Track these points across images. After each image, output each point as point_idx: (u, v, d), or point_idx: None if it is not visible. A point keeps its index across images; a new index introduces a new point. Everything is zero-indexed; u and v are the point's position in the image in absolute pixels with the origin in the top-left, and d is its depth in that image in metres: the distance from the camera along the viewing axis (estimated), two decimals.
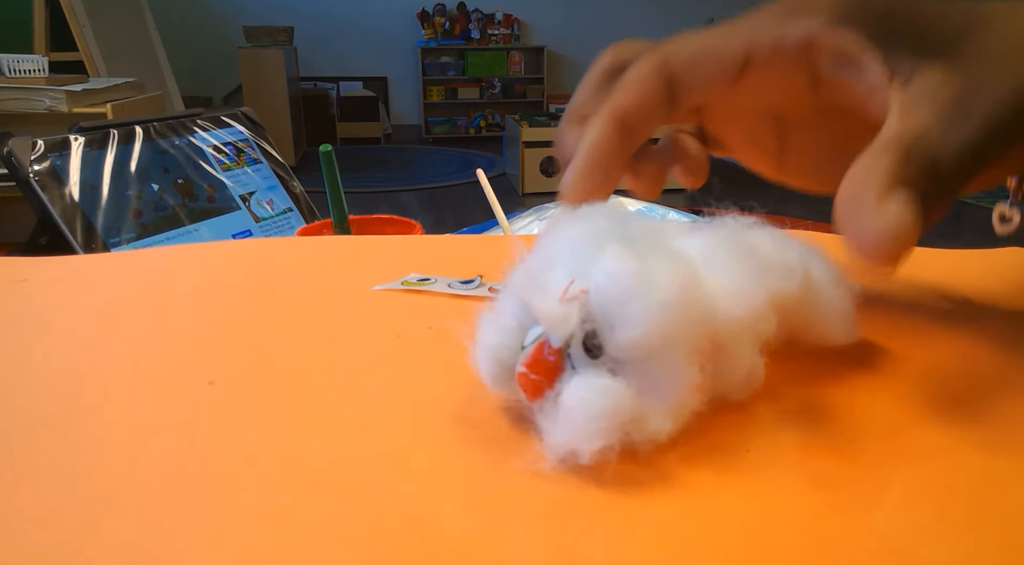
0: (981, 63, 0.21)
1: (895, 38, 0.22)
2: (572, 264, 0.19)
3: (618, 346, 0.18)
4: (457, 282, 0.32)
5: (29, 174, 0.91)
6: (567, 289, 0.19)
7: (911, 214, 0.19)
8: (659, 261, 0.19)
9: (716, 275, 0.20)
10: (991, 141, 0.21)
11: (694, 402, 0.19)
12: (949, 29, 0.22)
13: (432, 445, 0.20)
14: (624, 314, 0.18)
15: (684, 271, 0.19)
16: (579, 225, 0.21)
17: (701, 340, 0.19)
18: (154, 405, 0.23)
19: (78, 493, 0.18)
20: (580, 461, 0.18)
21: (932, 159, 0.20)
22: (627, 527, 0.17)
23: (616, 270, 0.18)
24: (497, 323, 0.21)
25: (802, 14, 0.23)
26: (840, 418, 0.22)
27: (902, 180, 0.20)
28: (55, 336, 0.28)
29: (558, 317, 0.19)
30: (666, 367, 0.19)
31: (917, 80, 0.22)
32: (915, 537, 0.17)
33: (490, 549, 0.16)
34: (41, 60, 1.95)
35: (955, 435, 0.21)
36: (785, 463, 0.19)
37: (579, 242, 0.20)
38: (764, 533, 0.17)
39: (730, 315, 0.20)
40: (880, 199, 0.19)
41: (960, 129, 0.21)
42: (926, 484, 0.19)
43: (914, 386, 0.23)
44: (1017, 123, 0.21)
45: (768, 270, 0.21)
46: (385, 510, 0.18)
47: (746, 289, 0.20)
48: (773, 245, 0.22)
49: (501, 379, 0.20)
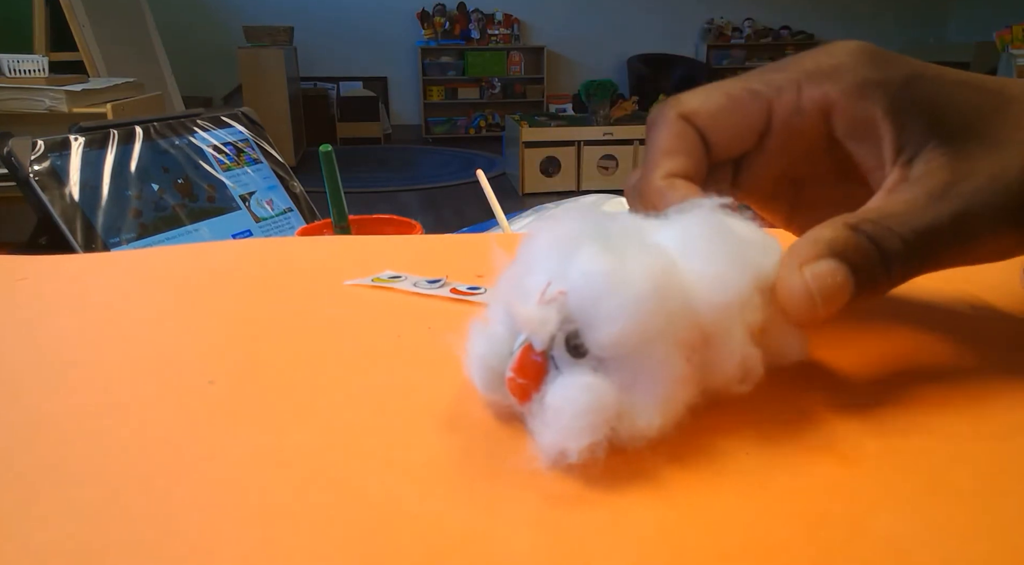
0: (981, 151, 0.21)
1: (912, 113, 0.22)
2: (550, 267, 0.19)
3: (598, 344, 0.18)
4: (423, 281, 0.33)
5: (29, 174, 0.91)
6: (544, 292, 0.19)
7: (830, 281, 0.20)
8: (634, 256, 0.19)
9: (695, 263, 0.20)
10: (958, 229, 0.21)
11: (684, 395, 0.19)
12: (962, 110, 0.22)
13: (431, 445, 0.20)
14: (601, 312, 0.18)
15: (658, 264, 0.19)
16: (556, 228, 0.21)
17: (685, 332, 0.19)
18: (154, 405, 0.23)
19: (78, 493, 0.18)
20: (571, 460, 0.18)
21: (879, 240, 0.21)
22: (623, 529, 0.17)
23: (591, 269, 0.18)
24: (486, 331, 0.21)
25: (824, 78, 0.23)
26: (840, 419, 0.22)
27: (834, 253, 0.20)
28: (55, 335, 0.28)
29: (537, 320, 0.19)
30: (650, 362, 0.19)
31: (919, 163, 0.22)
32: (916, 541, 0.17)
33: (486, 548, 0.16)
34: (41, 60, 1.95)
35: (956, 436, 0.21)
36: (782, 464, 0.19)
37: (556, 245, 0.20)
38: (761, 534, 0.17)
39: (714, 302, 0.19)
40: (804, 263, 0.20)
41: (927, 214, 0.21)
42: (926, 486, 0.19)
43: (914, 386, 0.23)
44: (994, 215, 0.21)
45: (746, 247, 0.21)
46: (383, 509, 0.18)
47: (727, 273, 0.20)
48: (747, 225, 0.22)
49: (493, 385, 0.21)
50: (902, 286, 0.32)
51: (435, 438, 0.21)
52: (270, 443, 0.20)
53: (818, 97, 0.23)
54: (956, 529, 0.17)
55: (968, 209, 0.21)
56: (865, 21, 6.36)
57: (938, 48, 6.08)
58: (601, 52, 6.14)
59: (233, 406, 0.23)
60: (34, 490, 0.18)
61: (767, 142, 0.25)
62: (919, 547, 0.16)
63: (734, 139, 0.25)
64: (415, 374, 0.25)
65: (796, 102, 0.24)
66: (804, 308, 0.20)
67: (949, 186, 0.21)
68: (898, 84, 0.22)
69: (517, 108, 5.59)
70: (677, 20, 6.14)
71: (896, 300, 0.31)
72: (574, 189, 3.90)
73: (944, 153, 0.22)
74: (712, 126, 0.24)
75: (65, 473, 0.19)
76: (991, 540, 0.17)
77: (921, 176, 0.22)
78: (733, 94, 0.24)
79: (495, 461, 0.20)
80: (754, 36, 6.30)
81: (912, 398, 0.23)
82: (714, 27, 6.22)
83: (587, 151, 3.91)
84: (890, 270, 0.21)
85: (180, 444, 0.20)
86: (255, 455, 0.20)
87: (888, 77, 0.22)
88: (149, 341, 0.28)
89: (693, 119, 0.24)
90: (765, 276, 0.21)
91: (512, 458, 0.19)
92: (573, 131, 3.95)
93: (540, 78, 6.02)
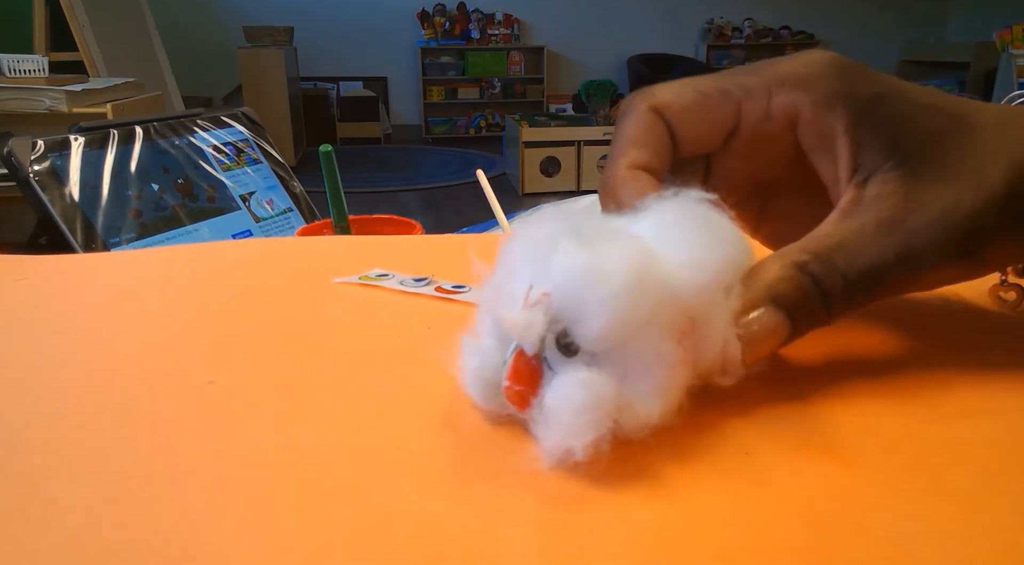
0: (935, 179, 0.21)
1: (873, 131, 0.22)
2: (530, 270, 0.19)
3: (587, 340, 0.18)
4: (410, 279, 0.33)
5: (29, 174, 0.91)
6: (527, 295, 0.19)
7: (762, 329, 0.21)
8: (610, 248, 0.19)
9: (673, 250, 0.20)
10: (902, 264, 0.21)
11: (681, 379, 0.19)
12: (923, 133, 0.22)
13: (431, 445, 0.20)
14: (585, 307, 0.18)
15: (636, 254, 0.19)
16: (531, 231, 0.21)
17: (672, 317, 0.19)
18: (154, 404, 0.23)
19: (79, 492, 0.18)
20: (576, 458, 0.18)
21: (822, 280, 0.21)
22: (624, 529, 0.17)
23: (570, 266, 0.18)
24: (477, 344, 0.21)
25: (795, 87, 0.23)
26: (840, 419, 0.22)
27: (774, 298, 0.21)
28: (55, 335, 0.28)
29: (524, 324, 0.19)
30: (642, 350, 0.19)
31: (873, 184, 0.22)
32: (916, 541, 0.17)
33: (486, 549, 0.16)
34: (41, 60, 1.95)
35: (956, 437, 0.21)
36: (783, 463, 0.19)
37: (533, 247, 0.20)
38: (762, 534, 0.17)
39: (695, 284, 0.19)
40: (741, 314, 0.21)
41: (873, 249, 0.21)
42: (926, 486, 0.19)
43: (915, 386, 0.23)
44: (939, 248, 0.21)
45: (723, 240, 0.21)
46: (384, 509, 0.18)
47: (705, 257, 0.20)
48: (723, 220, 0.22)
49: (490, 397, 0.21)
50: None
51: (435, 438, 0.21)
52: (270, 443, 0.20)
53: (787, 105, 0.23)
54: (956, 529, 0.17)
55: (914, 244, 0.21)
56: (865, 21, 6.35)
57: (938, 48, 6.08)
58: (601, 52, 6.14)
59: (233, 406, 0.23)
60: (34, 490, 0.18)
61: (735, 144, 0.25)
62: (919, 547, 0.16)
63: (702, 136, 0.25)
64: (415, 374, 0.25)
65: (766, 108, 0.24)
66: (749, 353, 0.20)
67: (898, 219, 0.21)
68: (864, 100, 0.22)
69: (517, 108, 5.59)
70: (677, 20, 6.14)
71: (898, 302, 0.31)
72: (574, 189, 3.90)
73: (899, 176, 0.22)
74: (681, 121, 0.24)
75: (65, 472, 0.19)
76: (991, 540, 0.17)
77: (873, 200, 0.22)
78: (705, 92, 0.24)
79: (495, 461, 0.20)
80: (754, 36, 6.30)
81: (912, 398, 0.23)
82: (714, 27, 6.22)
83: (587, 151, 3.91)
84: (830, 309, 0.21)
85: (180, 444, 0.20)
86: (255, 455, 0.20)
87: (855, 92, 0.22)
88: (149, 341, 0.28)
89: (663, 112, 0.24)
90: (741, 266, 0.21)
91: (513, 458, 0.19)
92: (573, 131, 3.95)
93: (540, 78, 6.02)
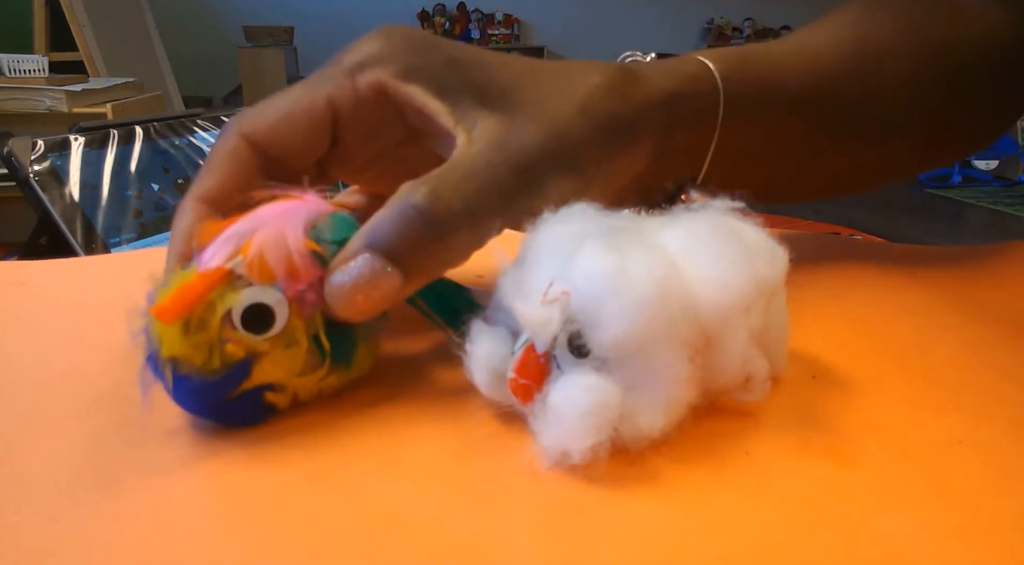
0: (530, 113, 0.24)
1: (460, 91, 0.24)
2: (552, 266, 0.19)
3: (601, 345, 0.18)
4: None
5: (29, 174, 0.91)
6: (547, 292, 0.19)
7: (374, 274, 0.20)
8: (636, 256, 0.19)
9: (698, 265, 0.20)
10: (519, 177, 0.23)
11: (687, 396, 0.19)
12: (504, 82, 0.25)
13: (431, 446, 0.20)
14: (603, 313, 0.18)
15: (661, 266, 0.19)
16: (558, 227, 0.21)
17: (688, 333, 0.19)
18: (154, 404, 0.23)
19: (79, 493, 0.18)
20: (573, 461, 0.18)
21: (432, 207, 0.21)
22: (625, 529, 0.17)
23: (593, 269, 0.18)
24: (488, 331, 0.21)
25: (368, 67, 0.24)
26: (840, 419, 0.22)
27: (370, 242, 0.21)
28: (55, 338, 0.28)
29: (540, 321, 0.19)
30: (653, 362, 0.19)
31: (477, 130, 0.24)
32: (916, 541, 0.17)
33: (487, 549, 0.16)
34: (41, 60, 1.95)
35: (956, 437, 0.21)
36: (783, 465, 0.19)
37: (558, 244, 0.20)
38: (762, 534, 0.17)
39: (715, 303, 0.19)
40: (340, 263, 0.21)
41: (490, 162, 0.23)
42: (926, 486, 0.19)
43: (914, 387, 0.24)
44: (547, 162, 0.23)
45: (753, 255, 0.21)
46: (383, 509, 0.18)
47: (730, 276, 0.20)
48: (755, 232, 0.22)
49: (495, 386, 0.21)
50: (906, 286, 0.32)
51: (436, 438, 0.21)
52: (270, 442, 0.20)
53: (372, 82, 0.24)
54: (956, 529, 0.17)
55: (527, 156, 0.23)
56: None
57: None
58: (601, 52, 6.13)
59: None
60: (34, 492, 0.18)
61: (342, 134, 0.26)
62: (919, 547, 0.16)
63: (300, 144, 0.25)
64: (415, 373, 0.25)
65: (354, 91, 0.25)
66: (347, 301, 0.20)
67: (505, 141, 0.23)
68: (439, 68, 0.24)
69: None
70: (677, 20, 6.14)
71: (898, 300, 0.31)
72: None
73: (497, 118, 0.24)
74: (273, 140, 0.25)
75: (65, 473, 0.19)
76: (991, 540, 0.17)
77: (480, 136, 0.23)
78: (297, 98, 0.25)
79: (496, 461, 0.20)
80: (754, 36, 6.29)
81: (912, 398, 0.23)
82: (714, 27, 6.22)
83: None
84: (444, 238, 0.21)
85: (180, 444, 0.20)
86: (254, 455, 0.20)
87: (429, 62, 0.24)
88: None
89: (251, 137, 0.25)
90: (768, 283, 0.21)
91: (513, 459, 0.19)
92: None
93: None
